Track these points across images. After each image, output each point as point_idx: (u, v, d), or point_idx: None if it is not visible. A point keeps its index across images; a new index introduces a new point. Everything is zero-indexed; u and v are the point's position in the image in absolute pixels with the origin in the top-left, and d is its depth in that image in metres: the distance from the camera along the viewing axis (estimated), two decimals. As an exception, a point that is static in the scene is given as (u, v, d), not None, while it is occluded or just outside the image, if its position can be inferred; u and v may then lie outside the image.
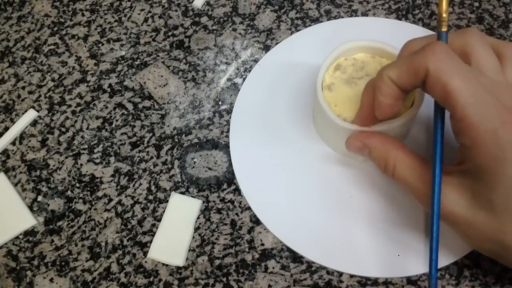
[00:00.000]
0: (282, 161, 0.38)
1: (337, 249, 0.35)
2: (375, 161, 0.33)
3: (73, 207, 0.39)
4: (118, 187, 0.39)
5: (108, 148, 0.41)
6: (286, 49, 0.43)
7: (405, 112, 0.33)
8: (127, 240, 0.37)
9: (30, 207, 0.39)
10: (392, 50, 0.35)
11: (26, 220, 0.38)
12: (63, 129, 0.42)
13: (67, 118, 0.42)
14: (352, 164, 0.37)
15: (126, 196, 0.39)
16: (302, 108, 0.40)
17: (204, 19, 0.46)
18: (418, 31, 0.43)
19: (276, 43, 0.44)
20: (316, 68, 0.35)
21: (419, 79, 0.28)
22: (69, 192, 0.39)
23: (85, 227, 0.38)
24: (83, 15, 0.48)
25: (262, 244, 0.36)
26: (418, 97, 0.33)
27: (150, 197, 0.38)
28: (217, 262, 0.36)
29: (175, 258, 0.36)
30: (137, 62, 0.45)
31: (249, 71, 0.43)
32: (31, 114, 0.42)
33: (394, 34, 0.41)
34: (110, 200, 0.39)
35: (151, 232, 0.37)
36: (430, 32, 0.43)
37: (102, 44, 0.46)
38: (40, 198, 0.39)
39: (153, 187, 0.39)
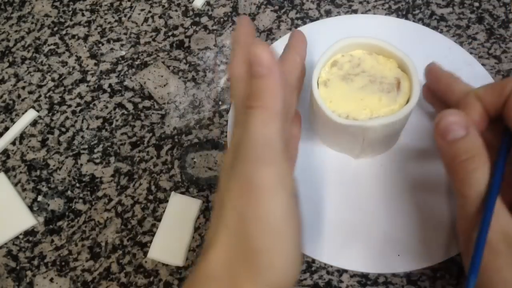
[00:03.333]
0: None
1: (336, 245, 0.35)
2: None
3: (73, 207, 0.39)
4: (118, 187, 0.39)
5: (108, 148, 0.41)
6: (283, 46, 0.43)
7: (399, 110, 0.33)
8: (127, 240, 0.37)
9: (30, 207, 0.39)
10: (389, 47, 0.35)
11: (26, 220, 0.38)
12: (63, 129, 0.42)
13: (67, 118, 0.42)
14: (347, 161, 0.37)
15: (126, 196, 0.39)
16: (299, 105, 0.40)
17: (204, 19, 0.46)
18: (417, 29, 0.43)
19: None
20: (313, 64, 0.35)
21: (503, 96, 0.29)
22: (69, 192, 0.39)
23: (85, 227, 0.38)
24: (83, 15, 0.48)
25: (262, 244, 0.36)
26: (414, 95, 0.33)
27: (150, 197, 0.38)
28: (217, 262, 0.36)
29: (175, 258, 0.36)
30: (137, 62, 0.45)
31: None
32: (31, 114, 0.42)
33: (393, 31, 0.41)
34: (110, 200, 0.39)
35: (151, 232, 0.37)
36: (427, 30, 0.43)
37: (102, 44, 0.46)
38: (40, 198, 0.39)
39: (153, 187, 0.39)
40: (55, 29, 0.47)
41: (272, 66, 0.27)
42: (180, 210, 0.37)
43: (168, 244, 0.36)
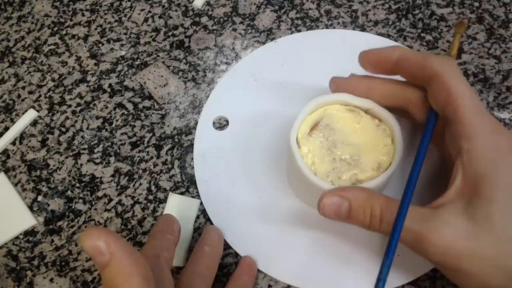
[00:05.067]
0: (256, 209, 0.37)
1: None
2: (357, 215, 0.29)
3: (73, 207, 0.39)
4: (118, 187, 0.39)
5: (108, 148, 0.41)
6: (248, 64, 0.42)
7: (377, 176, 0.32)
8: (127, 240, 0.37)
9: (30, 207, 0.39)
10: (353, 100, 0.34)
11: (26, 220, 0.38)
12: (63, 129, 0.42)
13: (67, 118, 0.42)
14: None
15: (126, 196, 0.39)
16: (276, 158, 0.39)
17: (204, 19, 0.46)
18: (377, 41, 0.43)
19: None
20: (289, 118, 0.34)
21: (426, 76, 0.30)
22: (69, 192, 0.39)
23: (85, 227, 0.38)
24: (83, 15, 0.48)
25: (262, 244, 0.36)
26: (394, 161, 0.32)
27: (150, 197, 0.38)
28: (217, 262, 0.36)
29: (176, 259, 0.36)
30: (137, 62, 0.45)
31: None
32: (31, 114, 0.42)
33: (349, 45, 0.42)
34: (110, 200, 0.39)
35: (151, 232, 0.37)
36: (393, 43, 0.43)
37: (102, 44, 0.46)
38: (40, 198, 0.39)
39: (153, 187, 0.39)
40: (55, 29, 0.47)
41: (113, 250, 0.23)
42: (179, 210, 0.37)
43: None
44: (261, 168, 0.38)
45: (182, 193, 0.38)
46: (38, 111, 0.43)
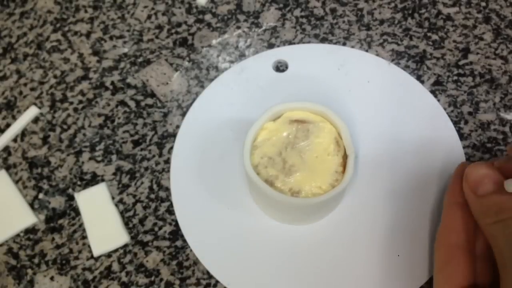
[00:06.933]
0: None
1: None
2: None
3: (74, 205, 0.38)
4: (120, 185, 0.39)
5: (110, 146, 0.41)
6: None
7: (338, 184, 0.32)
8: (128, 239, 0.37)
9: (31, 205, 0.39)
10: (328, 112, 0.34)
11: (27, 217, 0.38)
12: (65, 127, 0.42)
13: (69, 115, 0.42)
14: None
15: (127, 195, 0.38)
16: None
17: (208, 17, 0.46)
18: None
19: (281, 41, 0.44)
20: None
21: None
22: (70, 190, 0.39)
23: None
24: (86, 11, 0.47)
25: (265, 245, 0.36)
26: (348, 171, 0.32)
27: (152, 195, 0.38)
28: (219, 262, 0.35)
29: (119, 239, 0.36)
30: (140, 60, 0.44)
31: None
32: (33, 111, 0.42)
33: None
34: (112, 198, 0.38)
35: (153, 231, 0.37)
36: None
37: (105, 41, 0.45)
38: (41, 195, 0.39)
39: (155, 186, 0.39)
40: (58, 25, 0.47)
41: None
42: (94, 202, 0.38)
43: (104, 235, 0.37)
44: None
45: (184, 192, 0.38)
46: (40, 108, 0.43)
